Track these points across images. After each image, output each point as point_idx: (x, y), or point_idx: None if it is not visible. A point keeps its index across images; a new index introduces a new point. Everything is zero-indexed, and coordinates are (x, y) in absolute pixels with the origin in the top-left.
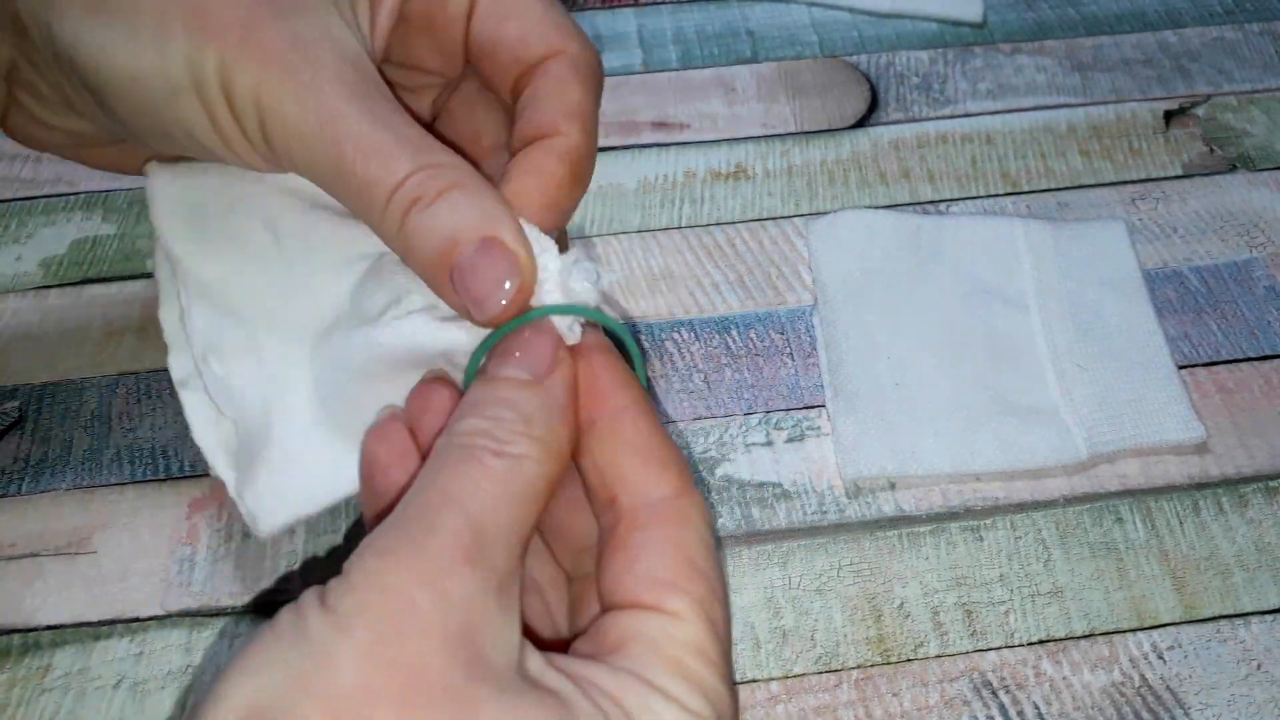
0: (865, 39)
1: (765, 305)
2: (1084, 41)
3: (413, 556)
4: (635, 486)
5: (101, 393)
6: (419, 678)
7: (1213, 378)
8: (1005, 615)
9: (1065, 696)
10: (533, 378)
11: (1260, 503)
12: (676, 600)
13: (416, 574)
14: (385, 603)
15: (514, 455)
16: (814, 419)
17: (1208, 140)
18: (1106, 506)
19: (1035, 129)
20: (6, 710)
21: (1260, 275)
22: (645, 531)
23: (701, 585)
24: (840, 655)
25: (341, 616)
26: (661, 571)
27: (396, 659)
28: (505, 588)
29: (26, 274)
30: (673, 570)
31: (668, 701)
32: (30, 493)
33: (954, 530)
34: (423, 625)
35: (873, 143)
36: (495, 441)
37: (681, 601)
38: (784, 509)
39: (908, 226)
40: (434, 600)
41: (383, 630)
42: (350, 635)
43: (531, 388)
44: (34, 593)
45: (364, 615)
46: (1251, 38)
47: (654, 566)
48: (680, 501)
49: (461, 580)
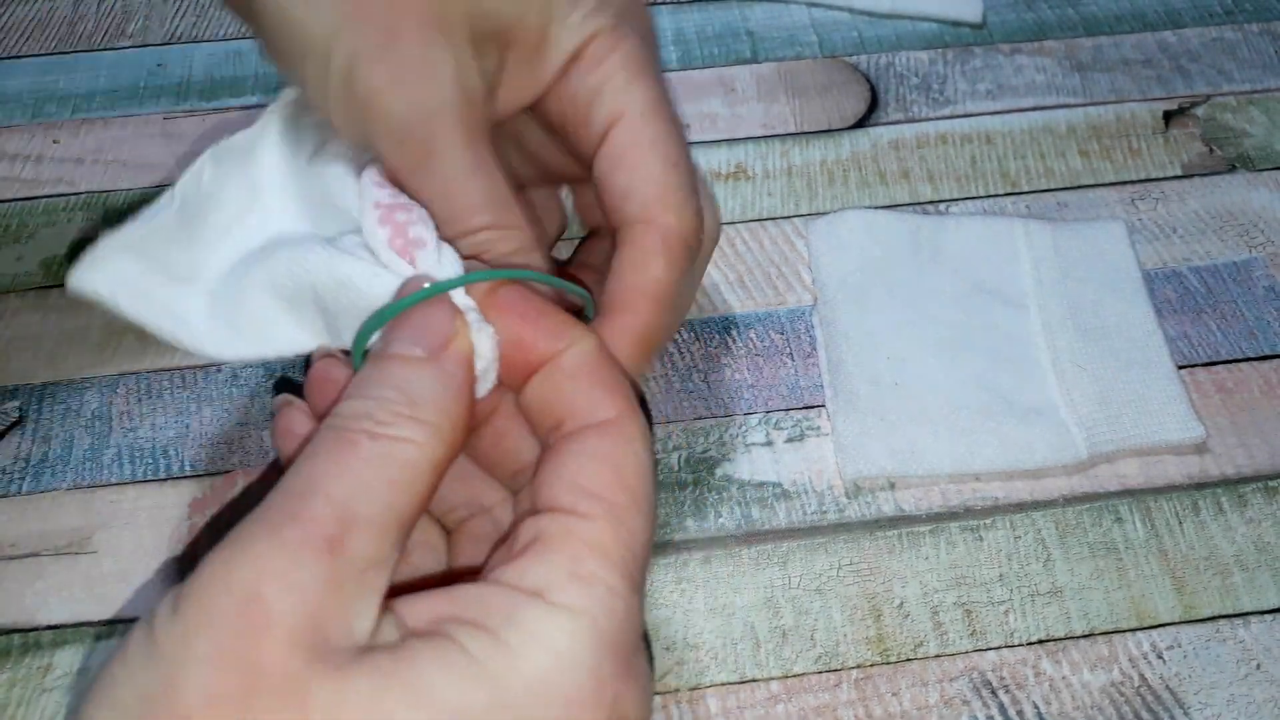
0: (865, 39)
1: (765, 305)
2: (1083, 42)
3: (266, 549)
4: (580, 407)
5: (102, 392)
6: (259, 677)
7: (1212, 377)
8: (1005, 615)
9: (1065, 696)
10: (426, 354)
11: (1260, 502)
12: (592, 504)
13: (266, 568)
14: (230, 604)
15: (391, 437)
16: (814, 419)
17: (1207, 140)
18: (1106, 506)
19: (1035, 129)
20: (7, 710)
21: (1260, 275)
22: (580, 444)
23: (623, 495)
24: (840, 655)
25: (188, 624)
26: (585, 479)
27: (238, 661)
28: (368, 572)
29: (27, 274)
30: (597, 479)
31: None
32: (30, 492)
33: (954, 530)
34: (267, 620)
35: (872, 143)
36: (373, 423)
37: (597, 506)
38: (784, 509)
39: (907, 226)
40: (280, 594)
41: (226, 634)
42: (194, 646)
43: (424, 365)
44: (34, 592)
45: (208, 620)
46: (1251, 38)
47: (579, 474)
48: (623, 420)
49: (313, 570)
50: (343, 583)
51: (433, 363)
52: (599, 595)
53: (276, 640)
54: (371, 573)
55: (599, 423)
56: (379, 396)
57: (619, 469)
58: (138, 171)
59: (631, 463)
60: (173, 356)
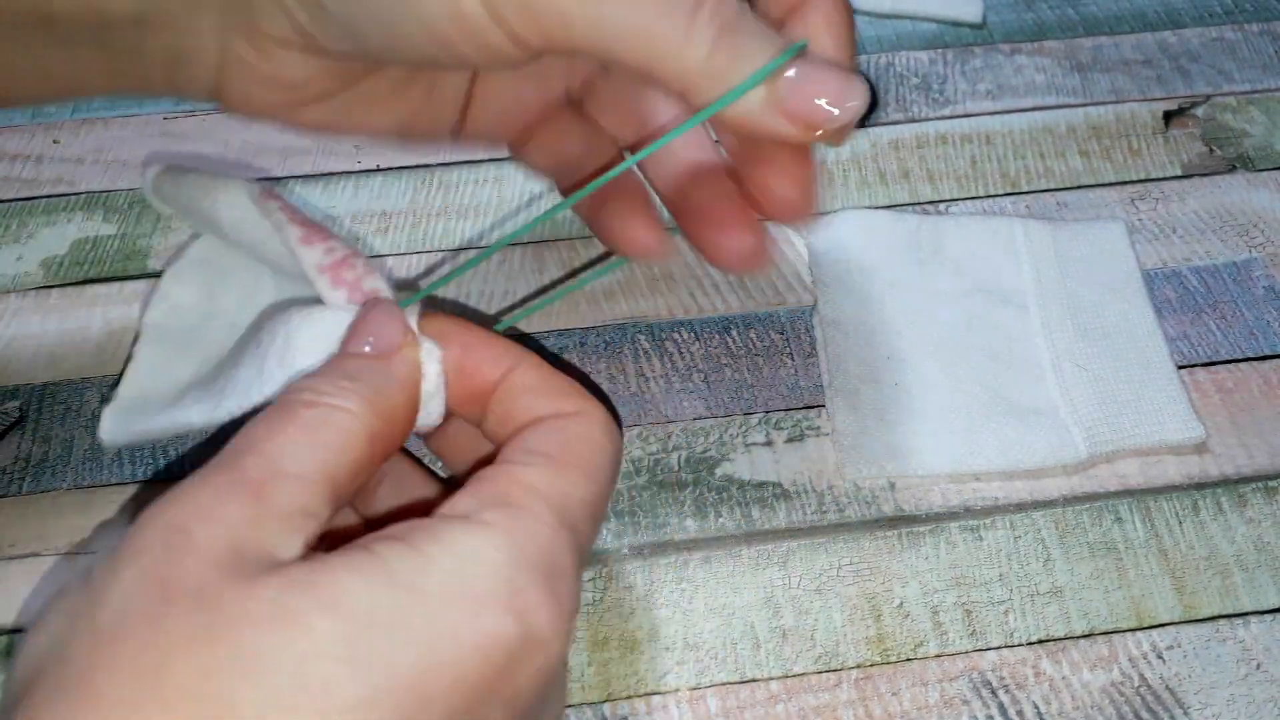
0: (865, 39)
1: (765, 305)
2: (1083, 42)
3: (196, 491)
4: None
5: (102, 393)
6: (174, 588)
7: (1212, 378)
8: (1005, 615)
9: (1064, 696)
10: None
11: (1259, 502)
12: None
13: (193, 507)
14: (160, 536)
15: (326, 404)
16: (814, 419)
17: (1207, 140)
18: (1106, 506)
19: (1035, 129)
20: None
21: (1259, 275)
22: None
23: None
24: (840, 655)
25: (119, 557)
26: (533, 443)
27: (157, 579)
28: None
29: (27, 274)
30: (544, 443)
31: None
32: (31, 493)
33: (953, 530)
34: (188, 548)
35: (872, 143)
36: (313, 394)
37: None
38: (784, 509)
39: (907, 226)
40: (202, 525)
41: (150, 559)
42: (120, 573)
43: (371, 359)
44: (35, 592)
45: (136, 552)
46: (1251, 38)
47: (528, 439)
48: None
49: (235, 508)
50: (264, 521)
51: (380, 358)
52: (522, 519)
53: (194, 560)
54: (299, 519)
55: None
56: (323, 374)
57: (568, 438)
58: (138, 171)
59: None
60: None
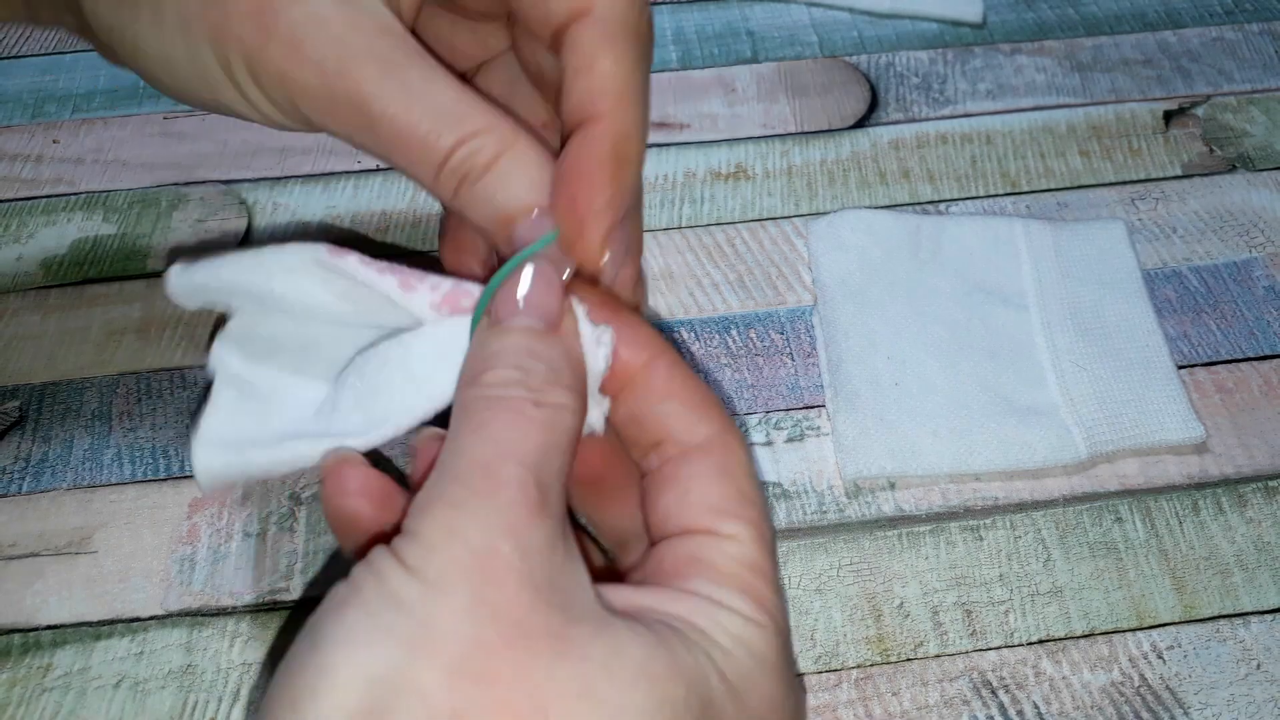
0: (865, 39)
1: (765, 305)
2: (1084, 42)
3: (486, 510)
4: (678, 429)
5: (102, 392)
6: (523, 628)
7: (1212, 377)
8: (1005, 615)
9: (1065, 696)
10: (545, 327)
11: (1259, 502)
12: (732, 524)
13: (494, 527)
14: (473, 558)
15: (553, 405)
16: (814, 419)
17: (1207, 140)
18: (1106, 506)
19: (1035, 129)
20: (7, 709)
21: (1259, 275)
22: (694, 465)
23: (753, 510)
24: (840, 655)
25: (432, 577)
26: (715, 499)
27: (498, 613)
28: (566, 533)
29: (27, 274)
30: (725, 497)
31: (734, 615)
32: (31, 492)
33: (953, 530)
34: (514, 577)
35: (872, 143)
36: (531, 391)
37: (736, 525)
38: (784, 509)
39: (907, 226)
40: (518, 551)
41: (478, 586)
42: (448, 595)
43: (549, 338)
44: (34, 592)
45: (455, 573)
46: (1251, 38)
47: (707, 495)
48: (725, 437)
49: (537, 529)
50: (556, 541)
51: (555, 334)
52: (773, 612)
53: (527, 595)
54: (567, 531)
55: (704, 442)
56: (523, 366)
57: (739, 484)
58: (138, 171)
59: (746, 475)
60: (172, 356)
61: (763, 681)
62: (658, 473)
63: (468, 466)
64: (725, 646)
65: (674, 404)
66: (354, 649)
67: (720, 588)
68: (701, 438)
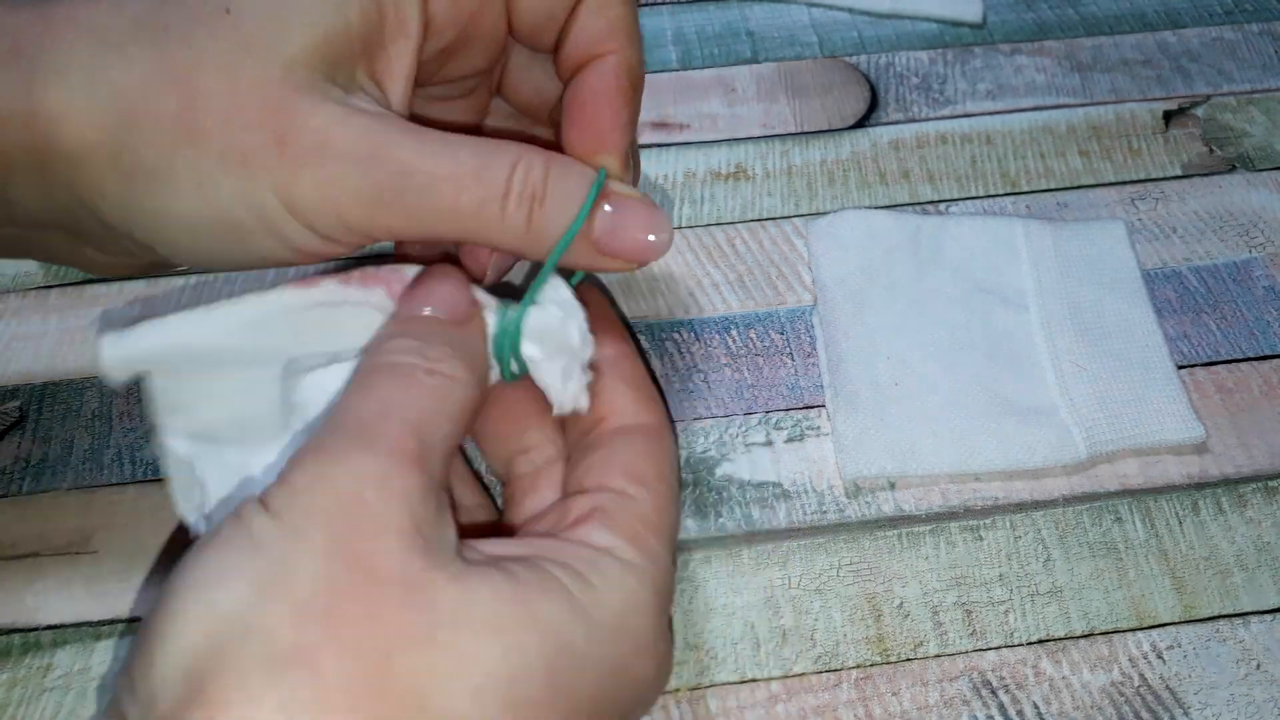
0: (865, 39)
1: (765, 305)
2: (1083, 42)
3: (360, 458)
4: (625, 409)
5: (102, 392)
6: (378, 572)
7: (1212, 377)
8: (1005, 615)
9: (1065, 696)
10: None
11: (1259, 502)
12: (642, 490)
13: (364, 474)
14: (337, 503)
15: (445, 374)
16: (814, 419)
17: (1207, 140)
18: (1106, 506)
19: (1035, 129)
20: (7, 710)
21: (1260, 275)
22: (626, 438)
23: (664, 488)
24: (840, 655)
25: (293, 520)
26: (635, 468)
27: (354, 556)
28: (440, 493)
29: (27, 274)
30: (644, 470)
31: (613, 559)
32: (31, 492)
33: (953, 530)
34: (376, 522)
35: (872, 143)
36: (426, 360)
37: (643, 491)
38: (784, 509)
39: (907, 226)
40: (384, 498)
41: (337, 529)
42: (306, 537)
43: (453, 325)
44: (35, 592)
45: (316, 516)
46: (1251, 38)
47: (629, 463)
48: (662, 428)
49: (408, 479)
50: (428, 496)
51: (461, 325)
52: (655, 559)
53: (387, 541)
54: (441, 493)
55: (642, 425)
56: (424, 337)
57: (661, 467)
58: None
59: (671, 463)
60: None
61: (634, 622)
62: (595, 439)
63: (350, 420)
64: (598, 587)
65: (625, 388)
66: (202, 590)
67: (609, 533)
68: (641, 421)
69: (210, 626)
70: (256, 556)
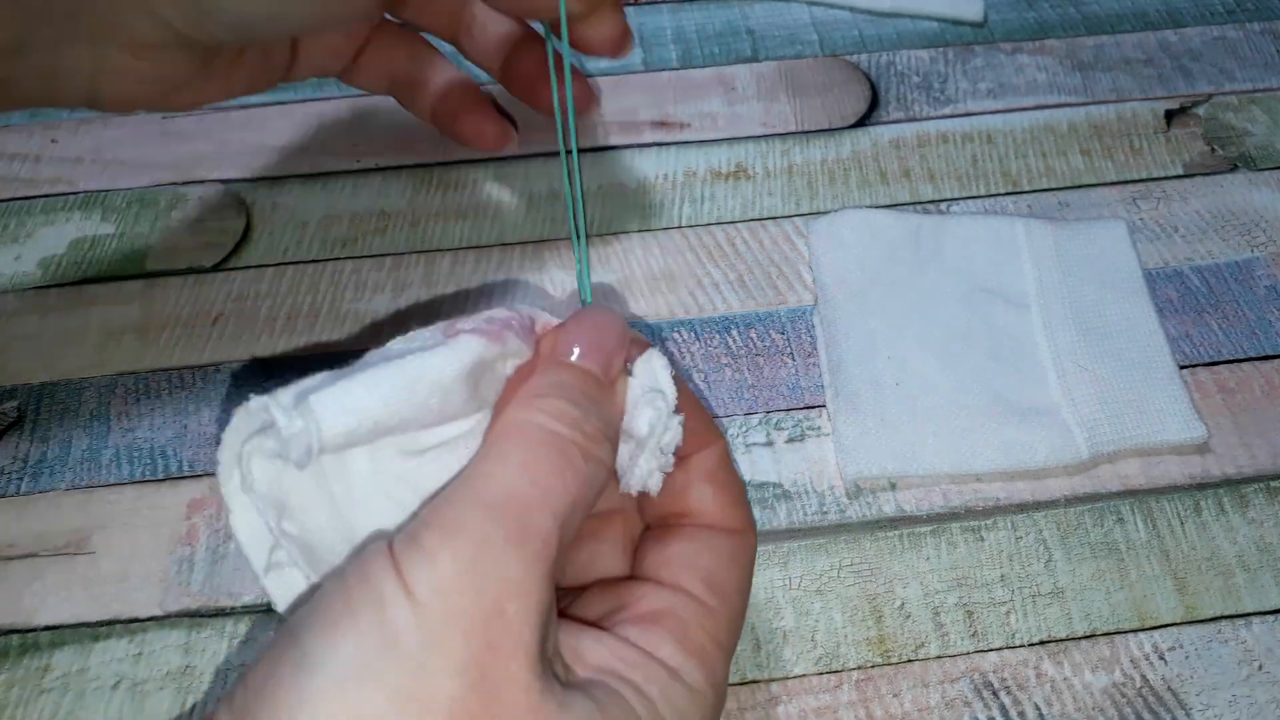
0: (866, 38)
1: (765, 305)
2: (1085, 41)
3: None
4: (713, 509)
5: (100, 393)
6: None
7: (1214, 377)
8: (1006, 616)
9: (1066, 697)
10: (604, 376)
11: (1261, 503)
12: (718, 601)
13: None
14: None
15: (597, 460)
16: (814, 419)
17: (1209, 140)
18: (1107, 507)
19: (1036, 128)
20: (5, 710)
21: (1261, 275)
22: (714, 540)
23: (740, 601)
24: (841, 656)
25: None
26: (717, 575)
27: (486, 678)
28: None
29: (26, 273)
30: (726, 579)
31: (682, 686)
32: (29, 493)
33: (954, 530)
34: (510, 644)
35: (873, 142)
36: (584, 439)
37: (722, 604)
38: (784, 509)
39: (908, 226)
40: (522, 612)
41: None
42: (446, 650)
43: (606, 389)
44: (33, 593)
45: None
46: (1253, 37)
47: (712, 568)
48: (747, 534)
49: (544, 592)
50: (554, 605)
51: (611, 390)
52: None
53: (520, 662)
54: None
55: (728, 529)
56: (582, 407)
57: (742, 576)
58: (136, 171)
59: (745, 571)
60: (171, 356)
61: None
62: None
63: (503, 499)
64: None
65: (714, 490)
66: (344, 687)
67: (679, 650)
68: (728, 524)
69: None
70: (395, 660)
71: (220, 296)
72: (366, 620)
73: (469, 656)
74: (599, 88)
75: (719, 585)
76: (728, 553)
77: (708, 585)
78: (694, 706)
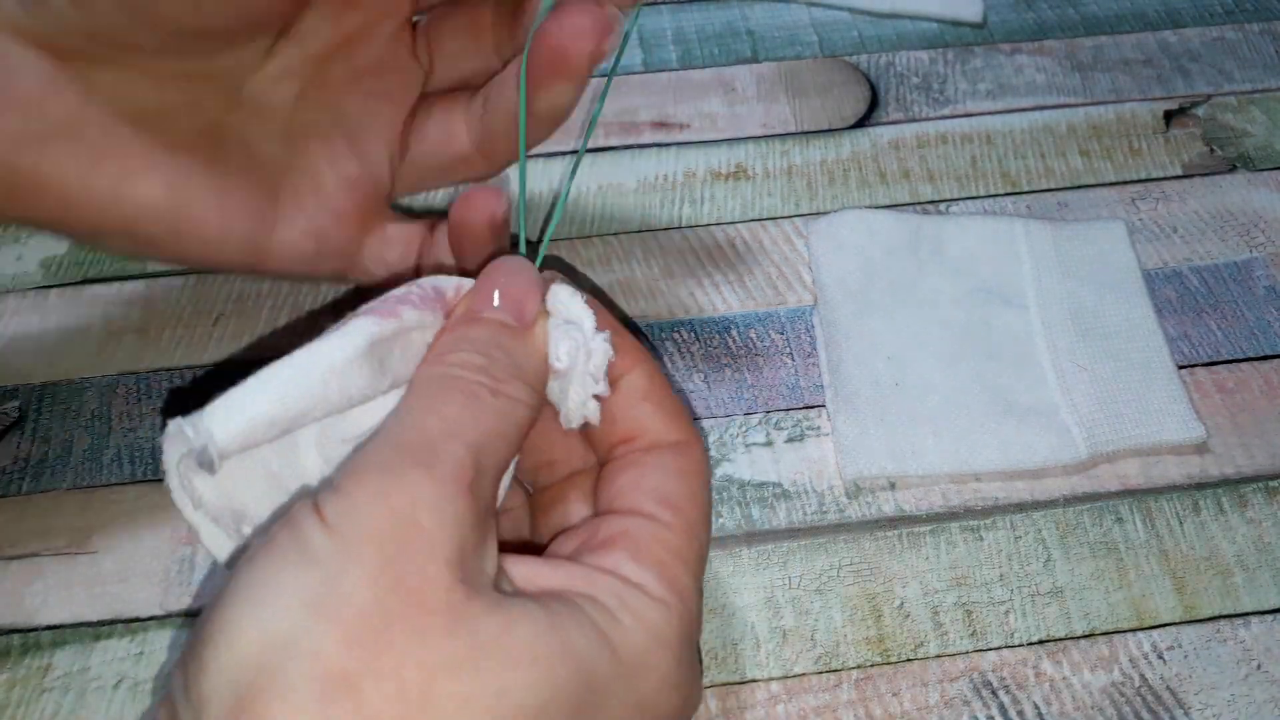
0: (865, 39)
1: (765, 305)
2: (1084, 41)
3: (418, 479)
4: (651, 430)
5: (101, 392)
6: (426, 599)
7: (1213, 377)
8: (1005, 615)
9: (1065, 696)
10: (518, 324)
11: (1260, 502)
12: (671, 515)
13: (421, 497)
14: (392, 524)
15: (509, 396)
16: (814, 419)
17: (1208, 140)
18: (1106, 506)
19: (1035, 129)
20: (6, 710)
21: (1260, 275)
22: (658, 458)
23: (695, 511)
24: (840, 655)
25: (347, 536)
26: (665, 491)
27: (404, 581)
28: (488, 517)
29: (26, 274)
30: (674, 492)
31: (640, 593)
32: (30, 493)
33: (954, 530)
34: (427, 549)
35: (873, 143)
36: (491, 379)
37: (673, 516)
38: (784, 509)
39: (908, 226)
40: (437, 524)
41: (390, 552)
42: (359, 557)
43: (519, 335)
44: (34, 592)
45: (371, 535)
46: (1252, 38)
47: (660, 485)
48: (692, 445)
49: (461, 506)
50: (478, 523)
51: (526, 333)
52: (681, 592)
53: (437, 567)
54: (490, 517)
55: (673, 442)
56: (490, 355)
57: (693, 487)
58: None
59: (703, 483)
60: (172, 356)
61: (657, 658)
62: (624, 458)
63: (412, 436)
64: (626, 624)
65: (650, 407)
66: (256, 607)
67: (637, 565)
68: (672, 439)
69: (262, 642)
70: (310, 572)
71: (221, 296)
72: (282, 541)
73: (381, 562)
74: None
75: (669, 499)
76: (675, 467)
77: (658, 501)
78: (657, 613)
